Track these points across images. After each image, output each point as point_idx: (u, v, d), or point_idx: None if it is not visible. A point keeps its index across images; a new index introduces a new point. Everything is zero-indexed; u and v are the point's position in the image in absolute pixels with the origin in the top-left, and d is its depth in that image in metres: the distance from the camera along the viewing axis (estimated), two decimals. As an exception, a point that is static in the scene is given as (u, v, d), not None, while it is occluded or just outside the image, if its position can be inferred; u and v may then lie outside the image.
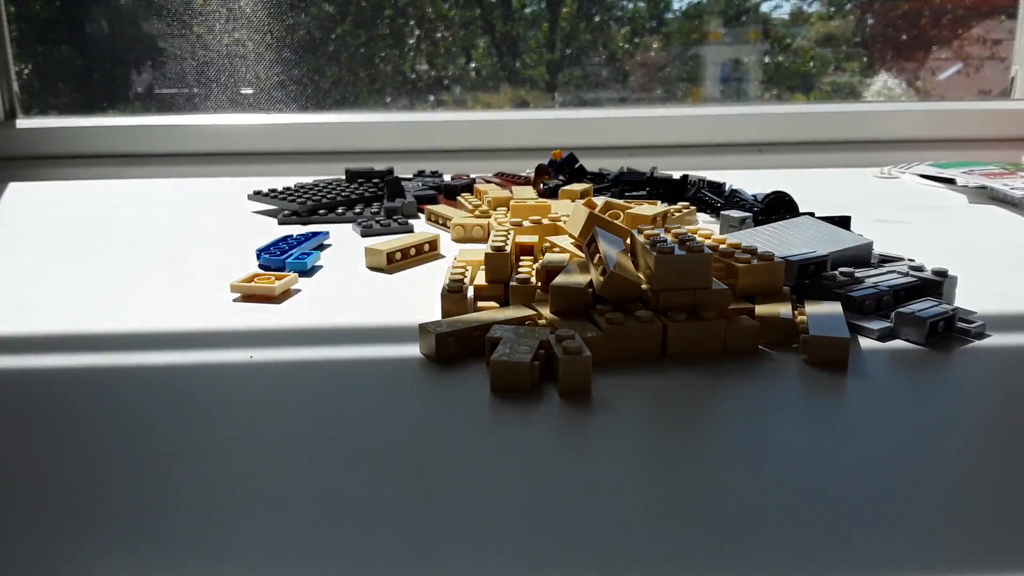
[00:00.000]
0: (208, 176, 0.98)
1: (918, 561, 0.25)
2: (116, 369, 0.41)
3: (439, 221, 0.71)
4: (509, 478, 0.30)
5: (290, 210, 0.74)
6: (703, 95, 1.21)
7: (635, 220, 0.60)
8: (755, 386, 0.38)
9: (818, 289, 0.46)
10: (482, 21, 1.20)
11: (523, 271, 0.48)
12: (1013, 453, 0.32)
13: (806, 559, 0.25)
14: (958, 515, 0.27)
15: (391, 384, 0.38)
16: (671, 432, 0.34)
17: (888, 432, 0.33)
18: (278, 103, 1.11)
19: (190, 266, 0.59)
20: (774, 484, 0.29)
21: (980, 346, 0.42)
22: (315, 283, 0.54)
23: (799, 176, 0.95)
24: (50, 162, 1.05)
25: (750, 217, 0.63)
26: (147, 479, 0.30)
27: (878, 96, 1.18)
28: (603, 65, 1.21)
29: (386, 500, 0.28)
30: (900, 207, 0.77)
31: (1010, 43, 1.13)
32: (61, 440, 0.33)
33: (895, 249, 0.56)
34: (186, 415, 0.35)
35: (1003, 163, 0.91)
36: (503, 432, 0.34)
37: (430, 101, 1.21)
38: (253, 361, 0.41)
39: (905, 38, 1.21)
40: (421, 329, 0.41)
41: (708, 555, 0.25)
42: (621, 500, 0.28)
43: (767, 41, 1.20)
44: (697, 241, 0.43)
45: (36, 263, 0.61)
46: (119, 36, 1.17)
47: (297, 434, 0.34)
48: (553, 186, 0.77)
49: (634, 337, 0.40)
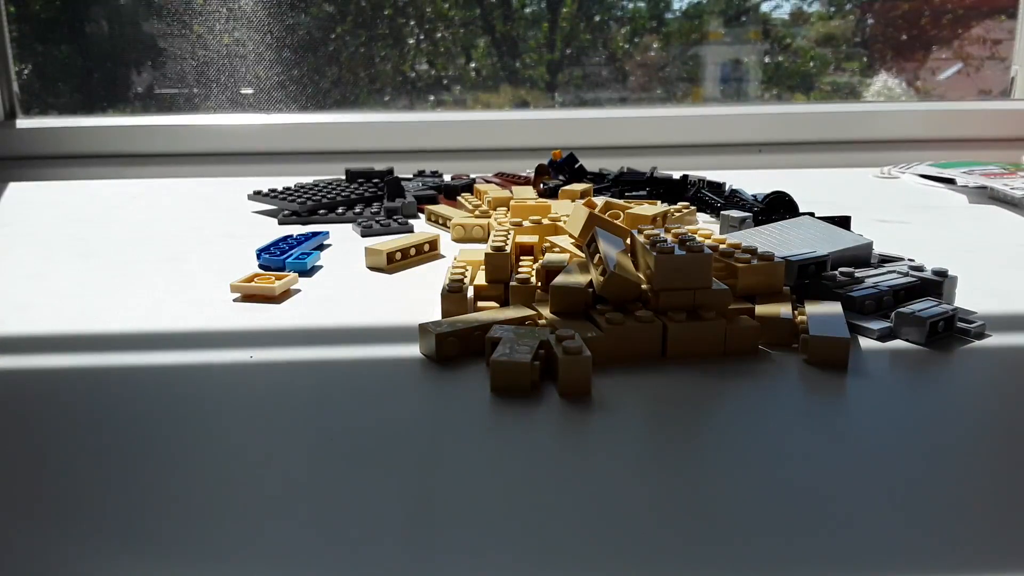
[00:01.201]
0: (208, 176, 0.98)
1: (918, 561, 0.25)
2: (116, 369, 0.41)
3: (439, 221, 0.71)
4: (509, 478, 0.30)
5: (290, 210, 0.74)
6: (703, 95, 1.21)
7: (635, 220, 0.60)
8: (755, 386, 0.38)
9: (818, 289, 0.46)
10: (482, 21, 1.20)
11: (523, 271, 0.48)
12: (1013, 453, 0.32)
13: (806, 559, 0.25)
14: (958, 515, 0.27)
15: (391, 384, 0.38)
16: (671, 432, 0.34)
17: (888, 432, 0.33)
18: (278, 103, 1.11)
19: (190, 266, 0.59)
20: (774, 484, 0.29)
21: (980, 346, 0.42)
22: (315, 283, 0.54)
23: (799, 176, 0.95)
24: (50, 162, 1.05)
25: (750, 217, 0.63)
26: (147, 479, 0.30)
27: (878, 96, 1.18)
28: (603, 65, 1.21)
29: (386, 500, 0.28)
30: (900, 207, 0.77)
31: (1010, 43, 1.13)
32: (61, 440, 0.33)
33: (895, 249, 0.56)
34: (186, 415, 0.35)
35: (1003, 163, 0.91)
36: (503, 432, 0.34)
37: (430, 101, 1.21)
38: (253, 361, 0.41)
39: (905, 38, 1.21)
40: (421, 329, 0.41)
41: (708, 555, 0.25)
42: (621, 500, 0.28)
43: (767, 41, 1.20)
44: (697, 241, 0.43)
45: (36, 263, 0.61)
46: (119, 36, 1.17)
47: (297, 434, 0.34)
48: (553, 186, 0.77)
49: (634, 337, 0.40)
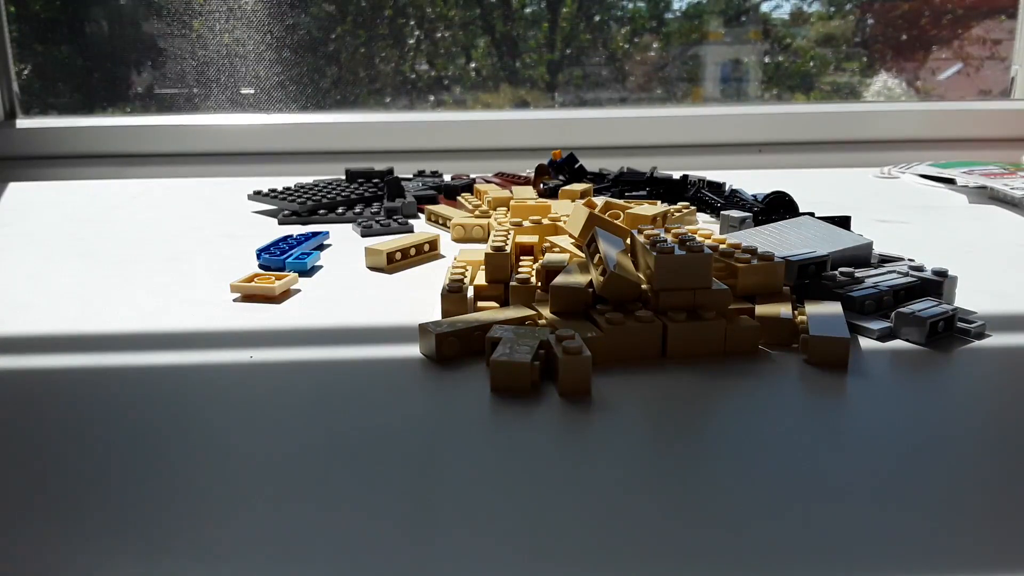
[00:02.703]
0: (208, 176, 0.98)
1: (918, 561, 0.25)
2: (116, 369, 0.41)
3: (439, 221, 0.71)
4: (509, 478, 0.30)
5: (290, 210, 0.74)
6: (703, 95, 1.21)
7: (635, 220, 0.60)
8: (755, 386, 0.38)
9: (818, 289, 0.46)
10: (482, 21, 1.20)
11: (523, 271, 0.48)
12: (1013, 453, 0.32)
13: (806, 558, 0.25)
14: (958, 515, 0.27)
15: (391, 384, 0.38)
16: (671, 432, 0.34)
17: (888, 432, 0.33)
18: (278, 103, 1.11)
19: (190, 266, 0.59)
20: (774, 484, 0.29)
21: (980, 346, 0.42)
22: (315, 283, 0.54)
23: (799, 176, 0.95)
24: (50, 162, 1.05)
25: (750, 217, 0.63)
26: (147, 479, 0.30)
27: (878, 96, 1.18)
28: (603, 65, 1.21)
29: (386, 500, 0.28)
30: (900, 207, 0.77)
31: (1010, 43, 1.13)
32: (61, 440, 0.33)
33: (895, 249, 0.56)
34: (186, 415, 0.35)
35: (1003, 163, 0.91)
36: (503, 432, 0.34)
37: (430, 101, 1.21)
38: (253, 361, 0.41)
39: (905, 38, 1.21)
40: (421, 329, 0.41)
41: (708, 554, 0.25)
42: (621, 500, 0.28)
43: (767, 41, 1.20)
44: (697, 241, 0.43)
45: (36, 263, 0.61)
46: (119, 36, 1.17)
47: (297, 434, 0.34)
48: (553, 186, 0.77)
49: (634, 337, 0.40)
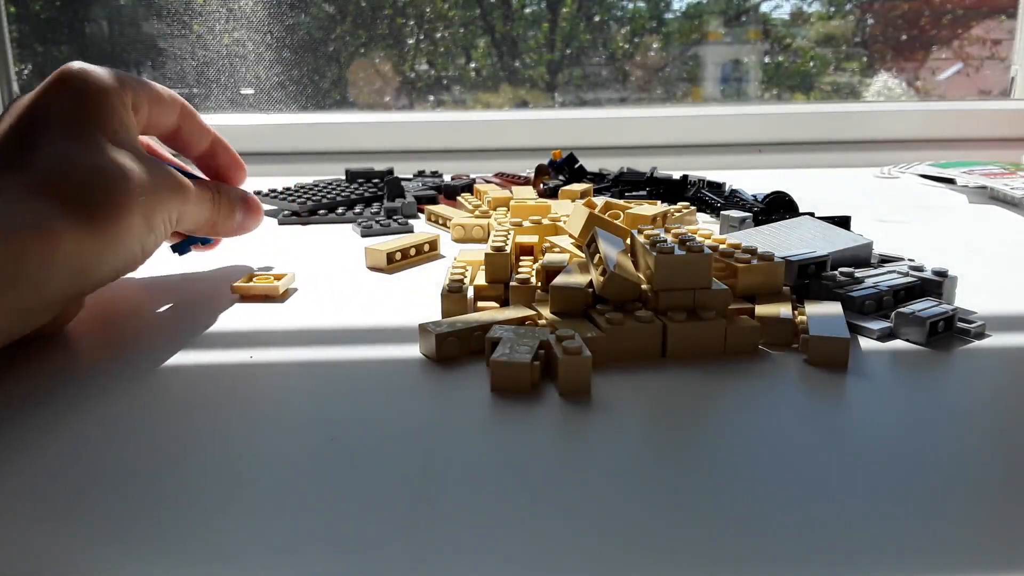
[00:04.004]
0: (208, 176, 0.98)
1: (918, 561, 0.25)
2: (116, 369, 0.40)
3: (439, 221, 0.71)
4: (509, 478, 0.30)
5: (290, 210, 0.74)
6: (703, 95, 1.21)
7: (635, 220, 0.60)
8: (755, 386, 0.38)
9: (818, 289, 0.46)
10: (482, 21, 1.20)
11: (523, 271, 0.48)
12: (1013, 453, 0.32)
13: (805, 559, 0.25)
14: (958, 515, 0.27)
15: (391, 384, 0.38)
16: (671, 432, 0.34)
17: (888, 432, 0.33)
18: (278, 103, 1.11)
19: (190, 266, 0.59)
20: (774, 484, 0.29)
21: (980, 346, 0.42)
22: (315, 283, 0.54)
23: (799, 176, 0.95)
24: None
25: (750, 217, 0.63)
26: (146, 479, 0.30)
27: (878, 96, 1.18)
28: (603, 65, 1.21)
29: (386, 500, 0.28)
30: (900, 207, 0.77)
31: (1010, 43, 1.13)
32: (60, 440, 0.33)
33: (895, 249, 0.56)
34: (186, 415, 0.35)
35: (1003, 163, 0.91)
36: (503, 432, 0.34)
37: (430, 101, 1.21)
38: (253, 361, 0.41)
39: (905, 38, 1.21)
40: (421, 329, 0.41)
41: (708, 554, 0.25)
42: (621, 500, 0.28)
43: (767, 41, 1.20)
44: (697, 241, 0.43)
45: (36, 263, 0.61)
46: (119, 36, 1.17)
47: (296, 434, 0.34)
48: (553, 186, 0.77)
49: (634, 337, 0.40)
